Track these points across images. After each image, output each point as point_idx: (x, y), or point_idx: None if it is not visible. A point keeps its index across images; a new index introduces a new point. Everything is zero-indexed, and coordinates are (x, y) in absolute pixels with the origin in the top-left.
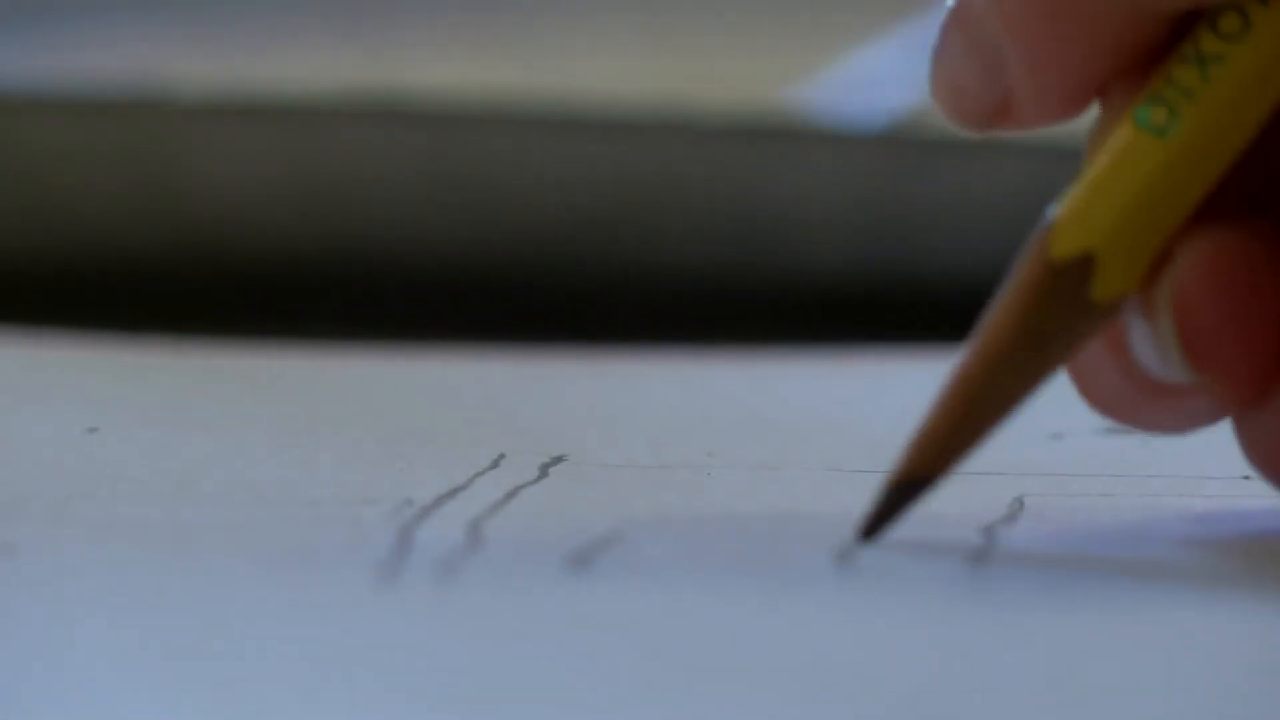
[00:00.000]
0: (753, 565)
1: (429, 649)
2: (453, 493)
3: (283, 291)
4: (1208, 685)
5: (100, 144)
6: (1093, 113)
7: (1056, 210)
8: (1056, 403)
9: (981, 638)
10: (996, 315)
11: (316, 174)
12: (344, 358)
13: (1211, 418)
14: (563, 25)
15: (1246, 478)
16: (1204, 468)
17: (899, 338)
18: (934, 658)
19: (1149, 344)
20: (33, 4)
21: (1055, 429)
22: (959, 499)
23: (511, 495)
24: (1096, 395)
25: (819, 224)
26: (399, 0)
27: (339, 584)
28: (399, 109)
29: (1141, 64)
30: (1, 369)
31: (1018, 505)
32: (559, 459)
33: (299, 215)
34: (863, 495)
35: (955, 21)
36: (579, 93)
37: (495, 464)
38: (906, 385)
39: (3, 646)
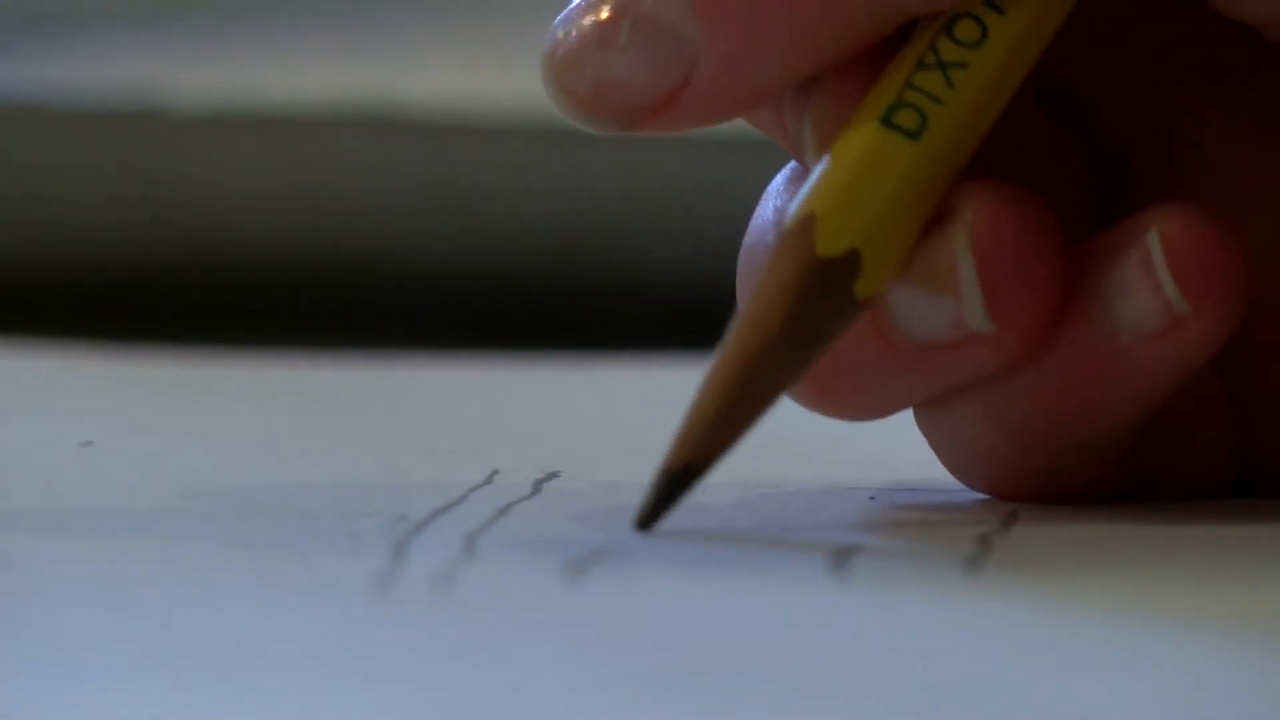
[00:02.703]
0: (749, 573)
1: (423, 658)
2: (446, 508)
3: (278, 302)
4: (1205, 688)
5: (97, 154)
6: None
7: (803, 207)
8: None
9: (976, 644)
10: (759, 309)
11: (312, 184)
12: (339, 367)
13: (956, 380)
14: None
15: (1242, 491)
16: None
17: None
18: (929, 664)
19: (921, 306)
20: (31, 15)
21: None
22: (954, 511)
23: (505, 511)
24: (819, 382)
25: None
26: (394, 13)
27: (334, 594)
28: (394, 120)
29: (837, 67)
30: None
31: (1012, 517)
32: (552, 475)
33: (295, 226)
34: (858, 505)
35: (623, 12)
36: None
37: (489, 480)
38: None
39: None
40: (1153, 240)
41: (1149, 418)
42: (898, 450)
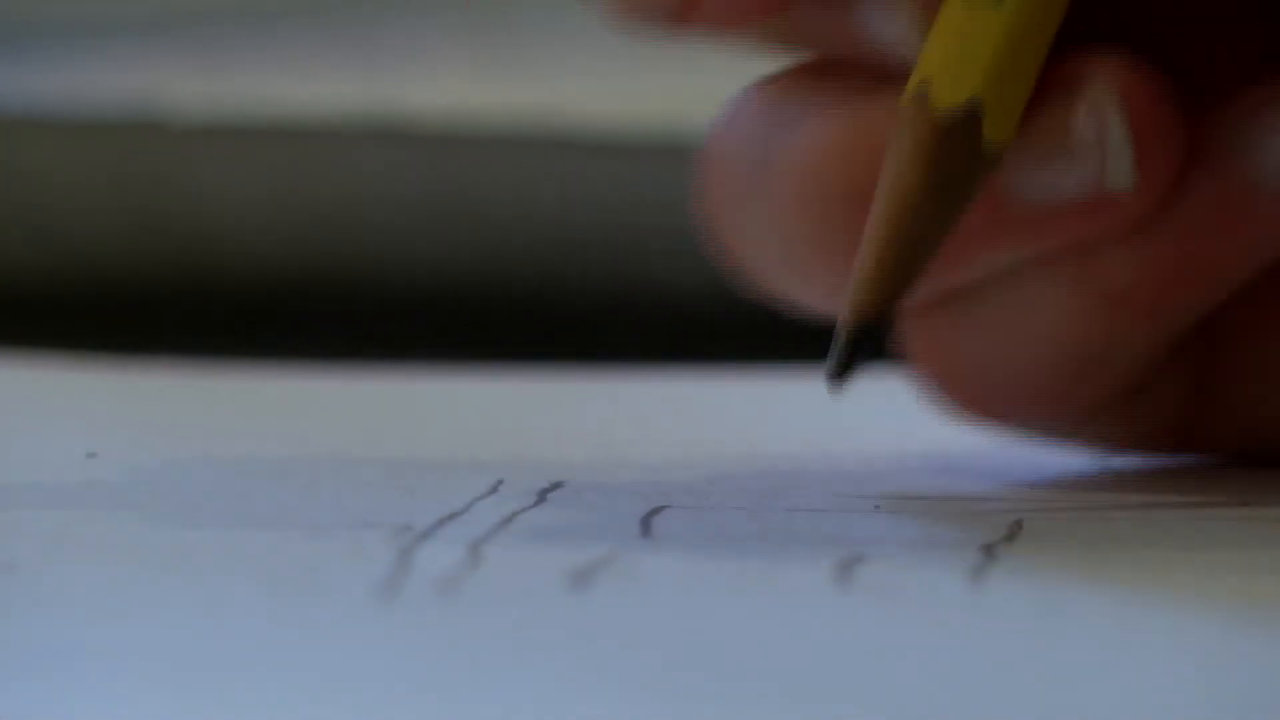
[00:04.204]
0: (754, 582)
1: (429, 666)
2: (451, 517)
3: (281, 313)
4: (1214, 700)
5: (98, 165)
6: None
7: (913, 81)
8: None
9: (981, 655)
10: (897, 177)
11: (314, 195)
12: (342, 378)
13: (1064, 242)
14: (559, 47)
15: (1244, 504)
16: (1204, 496)
17: (896, 357)
18: (934, 675)
19: (1046, 170)
20: (30, 25)
21: (1053, 459)
22: (959, 521)
23: (510, 519)
24: (963, 234)
25: None
26: (396, 22)
27: (339, 603)
28: (396, 130)
29: None
30: None
31: (1017, 527)
32: (557, 485)
33: (297, 236)
34: (863, 514)
35: None
36: (577, 114)
37: (493, 490)
38: (904, 403)
39: (0, 663)
40: None
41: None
42: (904, 460)
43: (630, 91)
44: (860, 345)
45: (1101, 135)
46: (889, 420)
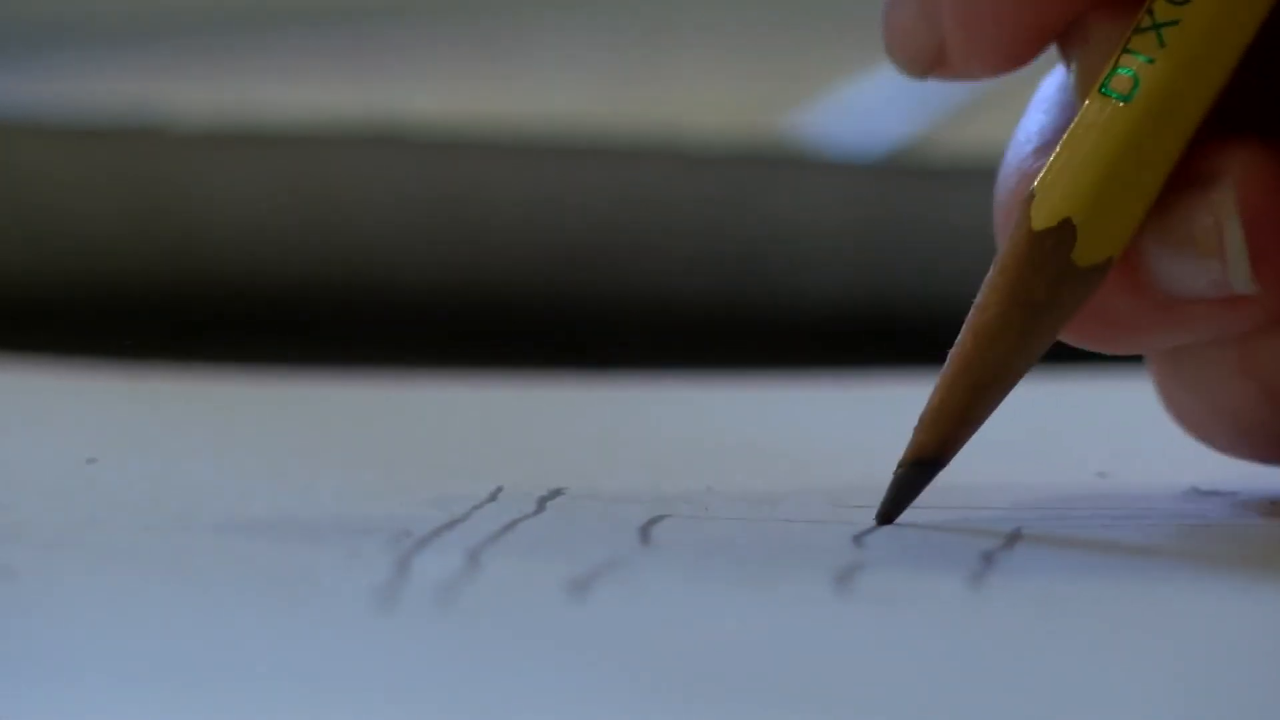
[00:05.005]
0: (752, 589)
1: (427, 674)
2: (450, 524)
3: (280, 319)
4: (1207, 706)
5: (100, 171)
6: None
7: (1031, 185)
8: (1058, 443)
9: (979, 662)
10: (987, 291)
11: (314, 201)
12: (341, 384)
13: (1210, 333)
14: (558, 52)
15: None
16: (1201, 508)
17: (895, 363)
18: (933, 681)
19: (1179, 265)
20: (33, 31)
21: (1051, 467)
22: (958, 528)
23: (509, 527)
24: (1111, 319)
25: (815, 250)
26: (396, 28)
27: (337, 610)
28: (396, 136)
29: (1082, 22)
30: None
31: (1016, 535)
32: (557, 492)
33: (297, 242)
34: (863, 522)
35: None
36: (575, 120)
37: (493, 497)
38: (904, 410)
39: (0, 669)
40: None
41: None
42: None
43: (629, 97)
44: (917, 482)
45: (1221, 240)
46: (888, 429)
